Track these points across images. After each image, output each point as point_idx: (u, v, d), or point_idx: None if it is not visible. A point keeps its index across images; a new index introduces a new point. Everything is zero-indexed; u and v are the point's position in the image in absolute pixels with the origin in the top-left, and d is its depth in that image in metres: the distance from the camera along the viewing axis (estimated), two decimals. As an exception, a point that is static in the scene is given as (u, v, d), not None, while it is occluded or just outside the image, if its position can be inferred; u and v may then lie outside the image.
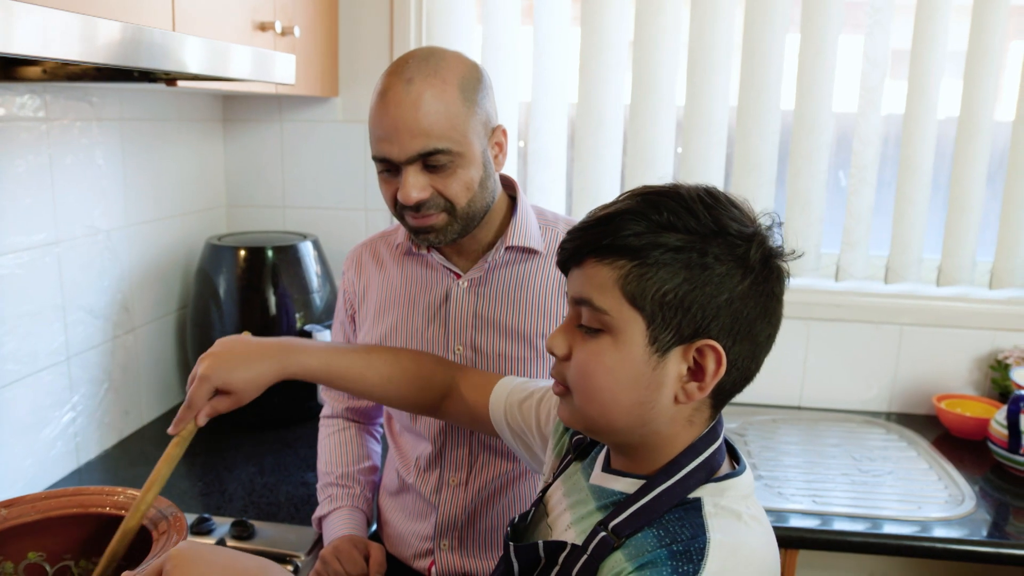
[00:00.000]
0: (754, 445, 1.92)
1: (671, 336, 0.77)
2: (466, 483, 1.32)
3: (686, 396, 0.79)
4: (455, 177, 1.16)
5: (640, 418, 0.80)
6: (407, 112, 1.12)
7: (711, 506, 0.78)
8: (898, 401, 2.15)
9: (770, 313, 0.80)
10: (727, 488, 0.80)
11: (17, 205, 1.51)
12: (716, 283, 0.76)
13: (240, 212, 2.30)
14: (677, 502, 0.79)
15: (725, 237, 0.77)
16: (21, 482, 1.56)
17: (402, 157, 1.14)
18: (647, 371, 0.78)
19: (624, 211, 0.78)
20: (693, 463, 0.81)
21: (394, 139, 1.14)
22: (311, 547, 1.41)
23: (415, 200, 1.15)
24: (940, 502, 1.66)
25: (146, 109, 1.89)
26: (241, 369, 1.06)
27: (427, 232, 1.21)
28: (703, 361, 0.78)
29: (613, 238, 0.77)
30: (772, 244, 0.80)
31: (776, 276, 0.80)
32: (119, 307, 1.83)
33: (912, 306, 2.10)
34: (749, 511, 0.79)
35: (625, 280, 0.77)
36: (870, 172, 2.04)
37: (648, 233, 0.76)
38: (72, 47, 0.94)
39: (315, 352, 1.13)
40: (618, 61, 2.05)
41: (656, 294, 0.76)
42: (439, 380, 1.19)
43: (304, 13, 1.89)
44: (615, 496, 0.84)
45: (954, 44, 1.97)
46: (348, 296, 1.42)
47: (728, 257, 0.76)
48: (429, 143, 1.13)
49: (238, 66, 1.31)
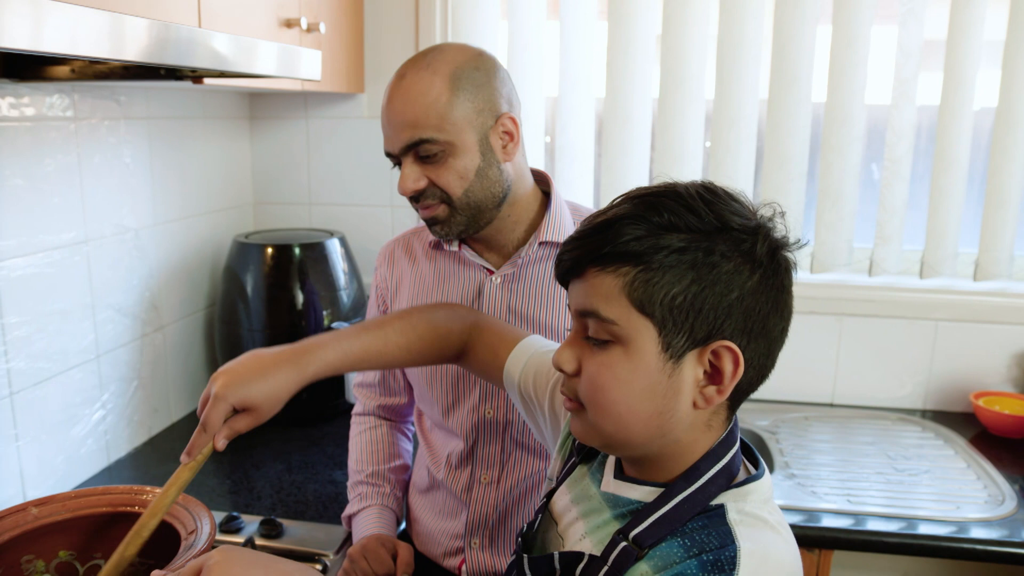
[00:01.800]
0: (786, 443, 1.89)
1: (684, 340, 0.74)
2: (498, 481, 1.31)
3: (705, 401, 0.76)
4: (446, 167, 1.18)
5: (659, 428, 0.77)
6: (397, 105, 1.17)
7: (735, 512, 0.75)
8: (933, 398, 2.11)
9: (782, 307, 0.78)
10: (749, 493, 0.78)
11: (47, 204, 1.52)
12: (725, 281, 0.73)
13: (267, 209, 2.30)
14: (700, 510, 0.76)
15: (729, 233, 0.74)
16: (52, 479, 1.57)
17: (395, 149, 1.19)
18: (662, 379, 0.75)
19: (622, 216, 0.75)
20: (713, 469, 0.78)
21: (389, 133, 1.19)
22: (340, 546, 1.40)
23: (410, 191, 1.19)
24: (979, 502, 1.62)
25: (173, 107, 1.89)
26: (259, 383, 0.98)
27: (433, 224, 1.23)
28: (719, 363, 0.75)
29: (614, 245, 0.74)
30: (777, 236, 0.78)
31: (784, 268, 0.78)
32: (148, 305, 1.84)
33: (948, 301, 2.05)
34: (773, 516, 0.77)
35: (631, 287, 0.74)
36: (904, 165, 2.00)
37: (649, 236, 0.74)
38: (101, 45, 0.94)
39: (330, 346, 1.06)
40: (646, 55, 2.02)
41: (665, 298, 0.73)
42: (455, 339, 1.14)
43: (329, 9, 1.89)
44: (632, 505, 0.81)
45: (991, 33, 1.92)
46: (380, 291, 1.41)
47: (735, 253, 0.74)
48: (415, 134, 1.16)
49: (264, 62, 1.31)
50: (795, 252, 0.79)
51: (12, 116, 1.43)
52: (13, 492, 1.48)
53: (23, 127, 1.46)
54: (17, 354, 1.47)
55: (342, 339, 1.08)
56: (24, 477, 1.51)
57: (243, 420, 0.98)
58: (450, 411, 1.31)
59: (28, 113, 1.47)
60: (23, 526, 1.05)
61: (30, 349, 1.50)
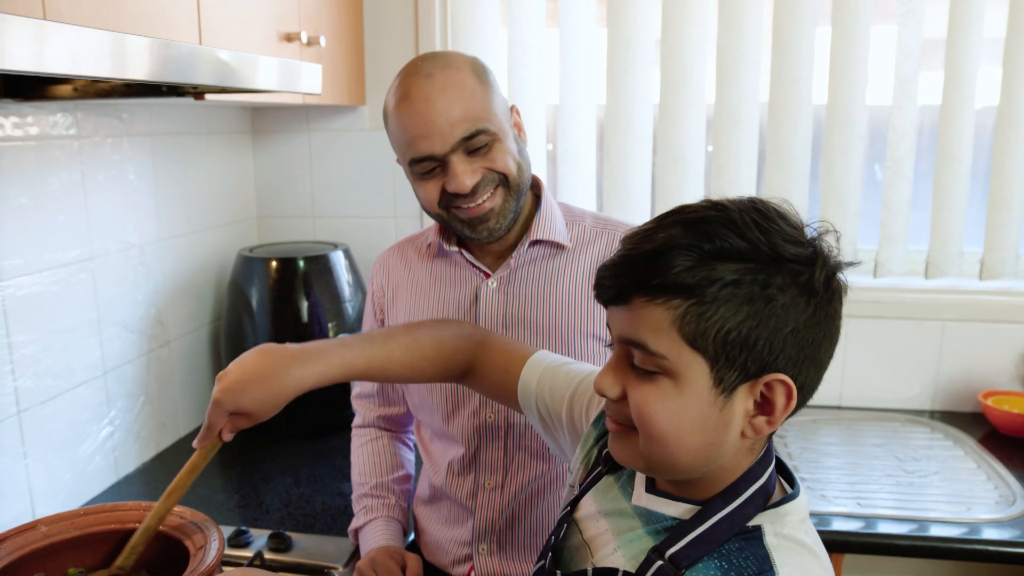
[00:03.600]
0: (794, 447, 1.88)
1: (737, 375, 0.72)
2: (502, 486, 1.30)
3: (754, 431, 0.75)
4: (498, 151, 1.19)
5: (706, 458, 0.75)
6: (438, 103, 1.14)
7: (772, 536, 0.74)
8: (942, 399, 2.10)
9: (833, 333, 0.75)
10: (786, 514, 0.76)
11: (52, 222, 1.53)
12: (781, 315, 0.70)
13: (271, 223, 2.31)
14: (737, 531, 0.75)
15: (785, 264, 0.71)
16: (61, 496, 1.58)
17: (446, 148, 1.16)
18: (714, 412, 0.73)
19: (672, 244, 0.71)
20: (751, 489, 0.76)
21: (433, 134, 1.15)
22: (348, 558, 1.40)
23: (470, 185, 1.17)
24: (990, 503, 1.61)
25: (175, 123, 1.90)
26: (254, 392, 0.98)
27: (485, 220, 1.21)
28: (771, 395, 0.73)
29: (664, 276, 0.71)
30: (834, 262, 0.74)
31: (838, 295, 0.75)
32: (153, 321, 1.84)
33: (954, 301, 2.05)
34: (810, 537, 0.76)
35: (683, 321, 0.71)
36: (906, 165, 1.99)
37: (701, 267, 0.70)
38: (102, 64, 0.95)
39: (333, 354, 1.03)
40: (645, 60, 2.03)
41: (719, 333, 0.70)
42: (461, 358, 1.12)
43: (329, 23, 1.89)
44: (667, 521, 0.79)
45: (991, 30, 1.92)
46: (377, 300, 1.42)
47: (791, 286, 0.70)
48: (470, 126, 1.15)
49: (265, 77, 1.31)
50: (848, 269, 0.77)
51: (16, 135, 1.44)
52: (22, 509, 1.48)
53: (27, 146, 1.47)
54: (24, 372, 1.47)
55: (345, 348, 1.05)
56: (33, 495, 1.51)
57: (243, 420, 1.01)
58: (450, 418, 1.31)
59: (32, 132, 1.48)
60: (33, 544, 1.05)
61: (37, 367, 1.50)
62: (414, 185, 1.23)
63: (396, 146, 1.23)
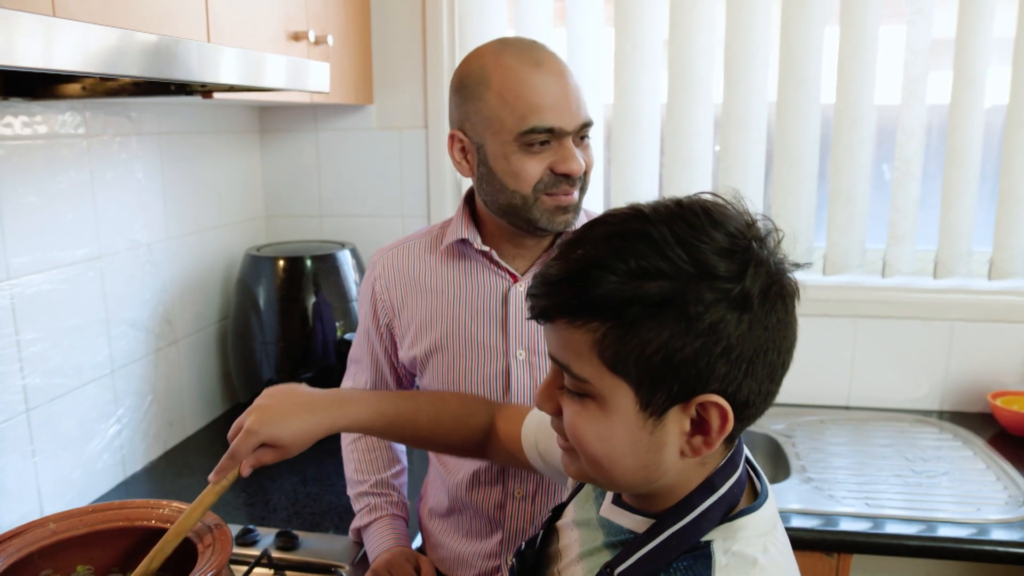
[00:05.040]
0: (802, 447, 1.88)
1: (664, 398, 0.67)
2: (533, 495, 1.27)
3: (692, 451, 0.70)
4: (590, 150, 1.19)
5: (645, 478, 0.72)
6: (571, 81, 1.15)
7: (721, 553, 0.70)
8: (950, 399, 2.09)
9: (779, 340, 0.69)
10: (740, 528, 0.72)
11: (60, 221, 1.53)
12: (708, 335, 0.65)
13: (278, 222, 2.31)
14: (688, 547, 0.71)
15: (713, 279, 0.65)
16: (70, 494, 1.58)
17: (573, 125, 1.14)
18: (644, 436, 0.69)
19: (590, 263, 0.67)
20: (707, 502, 0.72)
21: (564, 108, 1.13)
22: (355, 557, 1.40)
23: (581, 170, 1.16)
24: (999, 503, 1.60)
25: (184, 122, 1.91)
26: (291, 423, 0.99)
27: (569, 211, 1.19)
28: (707, 415, 0.68)
29: (581, 297, 0.67)
30: (772, 267, 0.68)
31: (781, 302, 0.69)
32: (161, 319, 1.84)
33: (963, 301, 2.04)
34: (767, 554, 0.71)
35: (602, 345, 0.67)
36: (915, 164, 1.99)
37: (621, 287, 0.65)
38: (111, 62, 0.95)
39: (365, 403, 1.06)
40: (653, 61, 2.02)
41: (640, 358, 0.66)
42: (483, 418, 1.11)
43: (337, 22, 1.90)
44: (623, 535, 0.77)
45: (1000, 30, 1.91)
46: (382, 306, 1.32)
47: (720, 303, 0.65)
48: (588, 115, 1.17)
49: (273, 75, 1.31)
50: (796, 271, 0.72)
51: (25, 134, 1.45)
52: (31, 508, 1.49)
53: (36, 145, 1.47)
54: (33, 370, 1.48)
55: (376, 400, 1.08)
56: (41, 493, 1.51)
57: (270, 454, 1.01)
58: None
59: (41, 131, 1.48)
60: (42, 541, 1.06)
61: (46, 365, 1.51)
62: (513, 159, 1.14)
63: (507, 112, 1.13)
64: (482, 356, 1.25)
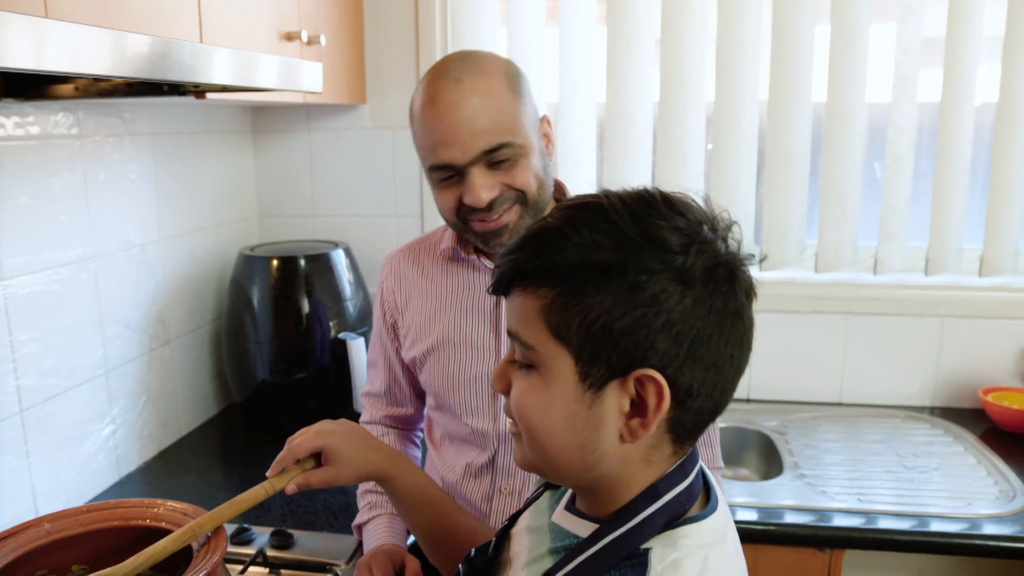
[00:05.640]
0: (795, 444, 1.89)
1: (603, 370, 0.67)
2: (520, 491, 1.29)
3: (631, 434, 0.69)
4: (520, 167, 1.15)
5: (583, 461, 0.71)
6: (464, 112, 1.11)
7: (659, 561, 0.68)
8: (942, 395, 2.11)
9: (727, 330, 0.68)
10: (682, 536, 0.70)
11: (54, 222, 1.53)
12: (649, 304, 0.65)
13: (272, 222, 2.31)
14: (627, 554, 0.69)
15: (657, 250, 0.66)
16: (64, 495, 1.58)
17: (466, 159, 1.13)
18: (582, 410, 0.69)
19: (546, 230, 0.69)
20: (651, 508, 0.71)
21: (454, 143, 1.12)
22: (351, 555, 1.40)
23: (487, 200, 1.14)
24: (990, 498, 1.62)
25: (177, 123, 1.90)
26: (354, 449, 1.02)
27: (499, 235, 1.18)
28: (644, 393, 0.67)
29: (534, 263, 0.69)
30: (718, 250, 0.68)
31: (729, 288, 0.68)
32: (155, 320, 1.84)
33: (954, 297, 2.05)
34: (708, 564, 0.69)
35: (548, 310, 0.68)
36: (906, 162, 2.00)
37: (572, 255, 0.67)
38: (103, 63, 0.94)
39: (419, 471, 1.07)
40: (645, 59, 2.03)
41: (581, 324, 0.66)
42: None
43: (329, 22, 1.90)
44: (569, 539, 0.76)
45: (990, 28, 1.92)
46: (387, 305, 1.38)
47: (663, 273, 0.65)
48: (493, 139, 1.12)
49: (266, 76, 1.32)
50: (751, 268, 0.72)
51: (18, 135, 1.45)
52: (25, 508, 1.49)
53: (28, 146, 1.47)
54: (27, 371, 1.48)
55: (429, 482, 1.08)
56: (36, 493, 1.51)
57: (319, 474, 1.01)
58: (472, 419, 1.30)
59: (33, 132, 1.48)
60: (36, 541, 1.05)
61: (39, 366, 1.51)
62: (434, 191, 1.20)
63: (418, 149, 1.20)
64: (474, 356, 1.27)
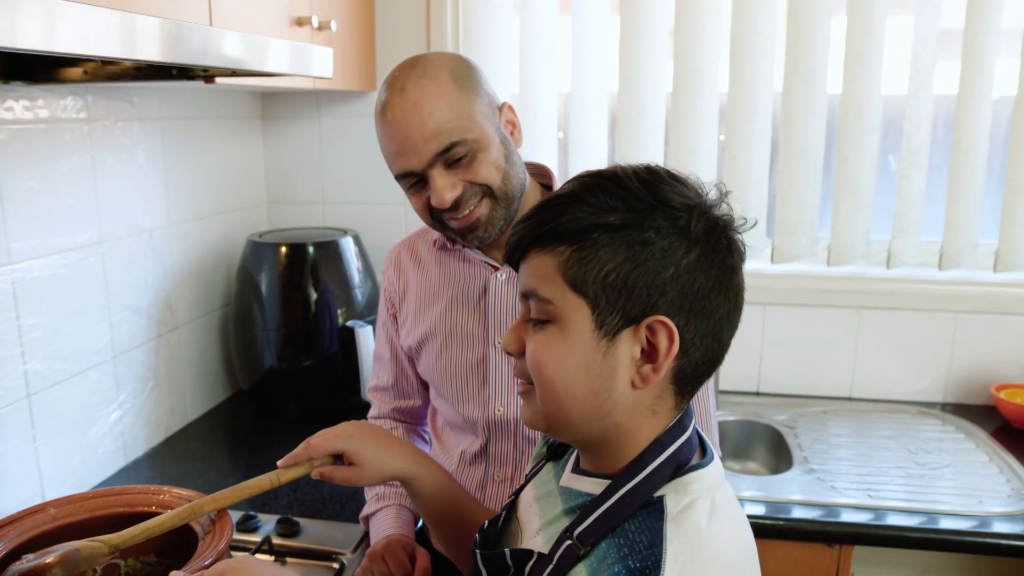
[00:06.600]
0: (805, 438, 1.88)
1: (618, 319, 0.74)
2: (511, 479, 1.30)
3: (642, 380, 0.75)
4: (479, 162, 1.16)
5: (597, 409, 0.76)
6: (411, 119, 1.13)
7: (673, 505, 0.74)
8: (954, 391, 2.09)
9: (725, 286, 0.76)
10: (691, 482, 0.76)
11: (62, 206, 1.53)
12: (659, 258, 0.73)
13: (280, 209, 2.31)
14: (642, 503, 0.75)
15: (665, 210, 0.74)
16: (71, 480, 1.58)
17: (422, 164, 1.15)
18: (597, 357, 0.75)
19: (562, 196, 0.77)
20: (658, 459, 0.77)
21: (409, 150, 1.15)
22: (357, 544, 1.40)
23: (450, 200, 1.16)
24: (1002, 496, 1.60)
25: (186, 108, 1.90)
26: (377, 450, 1.03)
27: (474, 229, 1.20)
28: (655, 339, 0.74)
29: (552, 225, 0.76)
30: (717, 214, 0.77)
31: (727, 247, 0.77)
32: (163, 306, 1.84)
33: (968, 293, 2.03)
34: (716, 504, 0.75)
35: (566, 266, 0.75)
36: (921, 155, 1.97)
37: (587, 216, 0.74)
38: (112, 45, 0.94)
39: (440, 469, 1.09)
40: (658, 49, 2.01)
41: (597, 276, 0.73)
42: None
43: (340, 7, 1.88)
44: (582, 498, 0.80)
45: (1009, 21, 1.89)
46: (389, 295, 1.42)
47: (670, 230, 0.74)
48: (444, 140, 1.13)
49: (276, 61, 1.31)
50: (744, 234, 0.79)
51: (26, 118, 1.44)
52: (32, 493, 1.49)
53: (37, 129, 1.46)
54: (34, 356, 1.47)
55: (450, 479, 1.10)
56: (43, 478, 1.51)
57: (343, 471, 1.03)
58: (463, 407, 1.31)
59: (42, 115, 1.47)
60: (42, 526, 1.05)
61: (47, 350, 1.50)
62: (407, 195, 1.24)
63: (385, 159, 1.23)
64: (462, 344, 1.29)
